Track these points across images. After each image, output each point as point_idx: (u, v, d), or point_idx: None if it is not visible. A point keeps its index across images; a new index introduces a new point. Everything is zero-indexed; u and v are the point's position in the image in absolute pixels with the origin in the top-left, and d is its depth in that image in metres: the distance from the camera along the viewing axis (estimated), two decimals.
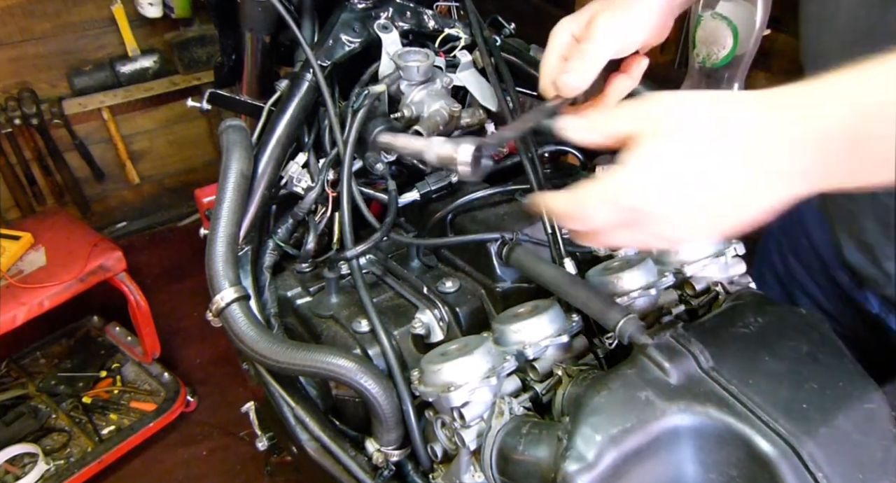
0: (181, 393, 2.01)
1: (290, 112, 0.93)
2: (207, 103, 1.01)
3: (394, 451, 0.77)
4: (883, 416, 0.55)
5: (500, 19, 1.11)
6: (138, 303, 1.89)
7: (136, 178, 2.88)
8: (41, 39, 2.47)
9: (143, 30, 2.63)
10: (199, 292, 1.04)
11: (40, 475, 1.75)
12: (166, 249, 2.83)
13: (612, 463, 0.52)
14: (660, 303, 0.73)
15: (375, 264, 0.94)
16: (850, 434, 0.53)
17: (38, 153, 2.56)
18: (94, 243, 1.86)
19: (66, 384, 2.05)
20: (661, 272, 0.72)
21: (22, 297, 1.68)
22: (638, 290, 0.70)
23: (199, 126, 2.95)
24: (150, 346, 2.00)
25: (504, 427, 0.63)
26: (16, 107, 2.39)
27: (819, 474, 0.50)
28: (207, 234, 0.82)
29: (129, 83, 2.64)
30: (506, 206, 0.91)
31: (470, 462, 0.67)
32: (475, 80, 1.02)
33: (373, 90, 0.91)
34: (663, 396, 0.55)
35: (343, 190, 0.86)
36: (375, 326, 0.78)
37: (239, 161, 0.85)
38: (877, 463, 0.53)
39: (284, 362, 0.74)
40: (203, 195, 1.67)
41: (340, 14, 0.98)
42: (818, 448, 0.51)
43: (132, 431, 1.89)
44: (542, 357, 0.70)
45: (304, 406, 0.85)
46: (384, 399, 0.72)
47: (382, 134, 0.88)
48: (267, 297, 0.92)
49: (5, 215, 2.55)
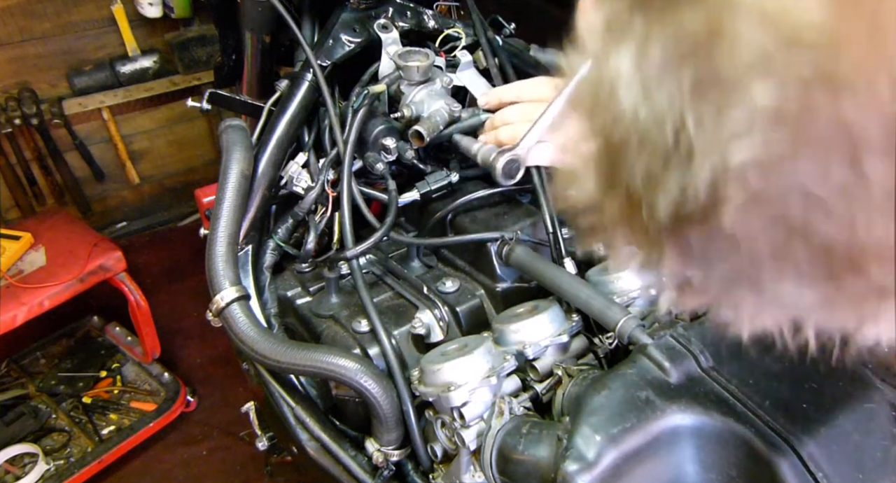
0: (181, 393, 2.01)
1: (290, 112, 0.93)
2: (207, 103, 1.01)
3: (394, 451, 0.77)
4: (883, 416, 0.55)
5: (500, 19, 1.11)
6: (138, 303, 1.88)
7: (136, 178, 2.88)
8: (41, 39, 2.47)
9: (143, 30, 2.62)
10: (199, 292, 1.04)
11: (40, 475, 1.75)
12: (166, 249, 2.83)
13: (612, 463, 0.52)
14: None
15: (375, 264, 0.94)
16: (850, 434, 0.53)
17: (38, 153, 2.56)
18: (94, 243, 1.86)
19: (66, 384, 2.05)
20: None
21: (22, 297, 1.68)
22: (638, 290, 0.70)
23: (199, 126, 2.95)
24: (150, 346, 2.00)
25: (504, 427, 0.63)
26: (16, 107, 2.39)
27: (819, 474, 0.50)
28: (207, 234, 0.82)
29: (129, 83, 2.64)
30: (506, 206, 0.91)
31: (470, 462, 0.67)
32: (475, 80, 1.02)
33: (373, 90, 0.91)
34: (663, 396, 0.55)
35: (343, 190, 0.86)
36: (375, 326, 0.78)
37: (239, 161, 0.85)
38: (877, 463, 0.53)
39: (284, 362, 0.74)
40: (203, 195, 1.67)
41: (340, 14, 0.98)
42: (818, 448, 0.51)
43: (132, 431, 1.89)
44: (541, 357, 0.70)
45: (304, 406, 0.85)
46: (384, 399, 0.72)
47: (456, 135, 0.92)
48: (267, 297, 0.92)
49: (5, 215, 2.55)
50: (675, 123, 0.23)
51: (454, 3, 1.12)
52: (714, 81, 0.21)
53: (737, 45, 0.20)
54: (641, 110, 0.24)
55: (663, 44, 0.23)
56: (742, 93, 0.20)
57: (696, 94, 0.22)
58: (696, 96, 0.22)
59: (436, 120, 0.89)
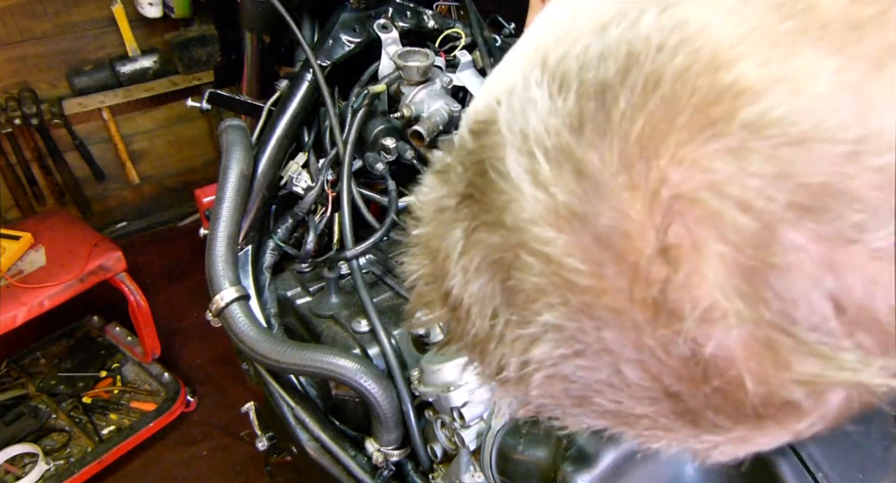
0: (181, 393, 2.01)
1: (290, 112, 0.93)
2: (207, 103, 1.01)
3: (394, 451, 0.77)
4: (883, 416, 0.55)
5: (500, 19, 1.11)
6: (138, 303, 1.88)
7: (136, 178, 2.88)
8: (41, 39, 2.47)
9: (143, 30, 2.62)
10: (199, 292, 1.04)
11: (40, 475, 1.75)
12: (166, 249, 2.83)
13: (611, 463, 0.52)
14: None
15: (375, 264, 0.94)
16: (850, 434, 0.53)
17: (38, 153, 2.56)
18: (94, 243, 1.86)
19: (66, 384, 2.05)
20: None
21: (22, 297, 1.68)
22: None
23: (199, 126, 2.95)
24: (150, 346, 2.00)
25: (504, 427, 0.63)
26: (16, 107, 2.39)
27: (818, 474, 0.50)
28: (207, 234, 0.82)
29: (129, 83, 2.64)
30: None
31: (470, 462, 0.67)
32: (475, 80, 1.02)
33: (373, 90, 0.91)
34: None
35: (343, 190, 0.86)
36: (375, 326, 0.78)
37: (239, 161, 0.85)
38: (876, 463, 0.53)
39: (284, 362, 0.74)
40: (203, 195, 1.66)
41: (340, 14, 0.98)
42: (817, 448, 0.51)
43: (132, 431, 1.89)
44: None
45: (304, 406, 0.85)
46: (384, 399, 0.72)
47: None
48: (267, 297, 0.92)
49: (5, 215, 2.55)
50: (491, 314, 0.28)
51: (454, 3, 1.12)
52: (516, 293, 0.26)
53: (527, 272, 0.25)
54: (465, 294, 0.29)
55: (481, 246, 0.27)
56: (534, 309, 0.26)
57: (504, 297, 0.27)
58: (504, 300, 0.27)
59: (435, 120, 0.89)
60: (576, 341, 0.26)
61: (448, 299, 0.31)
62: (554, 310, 0.25)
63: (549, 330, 0.26)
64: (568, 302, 0.25)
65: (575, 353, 0.26)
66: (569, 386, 0.28)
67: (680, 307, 0.23)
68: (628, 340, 0.25)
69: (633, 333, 0.24)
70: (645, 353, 0.25)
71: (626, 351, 0.25)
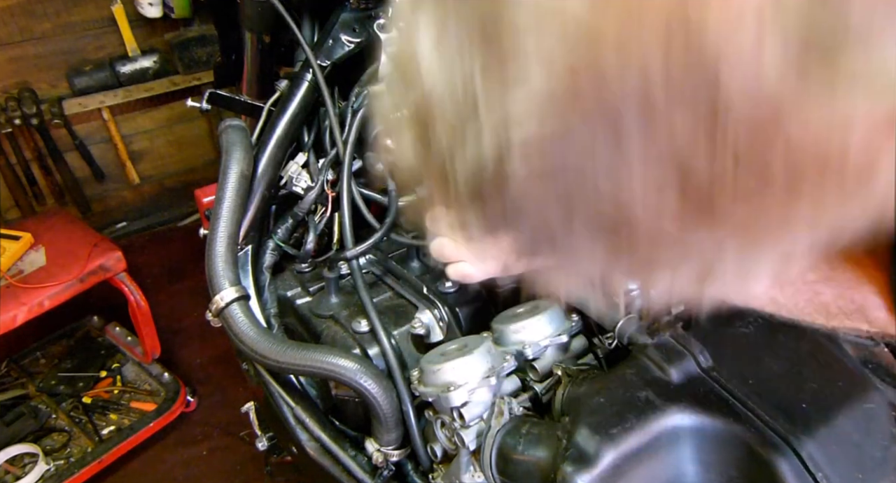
0: (181, 393, 2.01)
1: (290, 112, 0.93)
2: (207, 103, 1.01)
3: (393, 451, 0.77)
4: (883, 416, 0.55)
5: None
6: (138, 303, 1.88)
7: (136, 178, 2.88)
8: (41, 39, 2.47)
9: (143, 30, 2.63)
10: (199, 292, 1.04)
11: (40, 475, 1.75)
12: (166, 249, 2.83)
13: (611, 463, 0.52)
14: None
15: (375, 264, 0.94)
16: (850, 434, 0.53)
17: (38, 153, 2.56)
18: (94, 243, 1.86)
19: (66, 384, 2.05)
20: None
21: (22, 297, 1.68)
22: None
23: (199, 126, 2.95)
24: (150, 346, 2.00)
25: (504, 427, 0.63)
26: (16, 107, 2.39)
27: (819, 474, 0.50)
28: (207, 234, 0.82)
29: (129, 83, 2.64)
30: None
31: (470, 462, 0.67)
32: None
33: (373, 90, 0.91)
34: (663, 396, 0.55)
35: (343, 190, 0.86)
36: (375, 326, 0.78)
37: (239, 161, 0.85)
38: (876, 463, 0.53)
39: (284, 362, 0.74)
40: (203, 195, 1.66)
41: (340, 14, 0.98)
42: (818, 448, 0.51)
43: (132, 431, 1.89)
44: (541, 357, 0.70)
45: (304, 406, 0.85)
46: (384, 399, 0.72)
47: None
48: (267, 297, 0.92)
49: (5, 215, 2.55)
50: (467, 100, 0.25)
51: None
52: (499, 64, 0.23)
53: (516, 34, 0.22)
54: (439, 86, 0.26)
55: (457, 24, 0.25)
56: (521, 75, 0.23)
57: (485, 74, 0.24)
58: (484, 76, 0.24)
59: None
60: (567, 107, 0.22)
61: (421, 106, 0.27)
62: (543, 70, 0.22)
63: (536, 99, 0.23)
64: (562, 55, 0.21)
65: (564, 124, 0.23)
66: (554, 184, 0.24)
67: (703, 24, 0.19)
68: (633, 97, 0.21)
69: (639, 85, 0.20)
70: (658, 105, 0.20)
71: (633, 109, 0.21)
